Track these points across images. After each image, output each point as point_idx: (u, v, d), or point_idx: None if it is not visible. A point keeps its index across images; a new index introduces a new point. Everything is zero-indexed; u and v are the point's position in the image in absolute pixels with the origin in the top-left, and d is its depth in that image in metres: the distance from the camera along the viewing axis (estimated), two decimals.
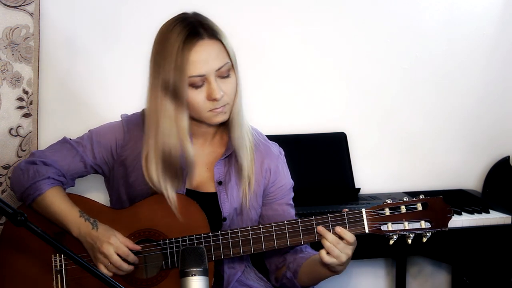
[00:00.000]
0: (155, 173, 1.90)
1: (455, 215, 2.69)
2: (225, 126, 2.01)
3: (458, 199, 2.89)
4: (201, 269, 1.56)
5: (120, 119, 2.02)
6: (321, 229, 1.87)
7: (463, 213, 2.73)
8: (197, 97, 1.85)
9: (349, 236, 1.86)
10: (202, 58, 1.83)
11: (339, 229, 1.86)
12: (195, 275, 1.55)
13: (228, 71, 1.88)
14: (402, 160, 3.05)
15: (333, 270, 1.90)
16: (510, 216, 2.72)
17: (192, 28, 1.84)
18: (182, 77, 1.82)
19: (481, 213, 2.74)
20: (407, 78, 3.03)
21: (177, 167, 1.91)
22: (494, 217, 2.72)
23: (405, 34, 3.01)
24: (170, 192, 1.91)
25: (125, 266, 1.88)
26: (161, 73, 1.84)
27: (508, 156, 3.05)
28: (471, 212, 2.74)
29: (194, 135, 1.97)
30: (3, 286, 1.94)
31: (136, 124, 1.99)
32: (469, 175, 3.12)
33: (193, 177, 1.98)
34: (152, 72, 1.89)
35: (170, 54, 1.82)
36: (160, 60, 1.85)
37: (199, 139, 2.00)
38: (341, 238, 1.86)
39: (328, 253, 1.84)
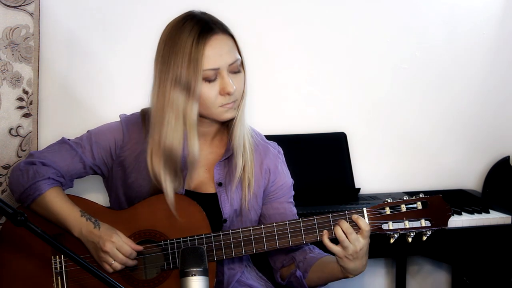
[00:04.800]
0: (158, 168, 1.89)
1: (455, 215, 2.70)
2: (225, 127, 2.01)
3: (458, 199, 2.89)
4: (201, 269, 1.56)
5: (119, 120, 2.02)
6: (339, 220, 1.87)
7: (463, 213, 2.73)
8: (210, 91, 1.86)
9: (364, 224, 1.85)
10: (217, 52, 1.84)
11: (355, 216, 1.87)
12: (195, 275, 1.55)
13: (239, 66, 1.91)
14: (402, 160, 3.05)
15: (346, 271, 1.89)
16: (510, 216, 2.72)
17: (205, 24, 1.87)
18: (197, 70, 1.82)
19: (481, 213, 2.74)
20: (407, 78, 3.03)
21: (176, 165, 1.90)
22: (494, 217, 2.72)
23: (405, 34, 3.01)
24: (169, 189, 1.90)
25: (130, 262, 1.88)
26: (172, 68, 1.84)
27: (508, 156, 3.05)
28: (471, 212, 2.74)
29: None
30: (2, 287, 1.94)
31: (135, 124, 1.99)
32: (469, 175, 3.12)
33: (192, 178, 1.98)
34: (160, 68, 1.88)
35: (183, 48, 1.83)
36: (171, 55, 1.85)
37: (199, 140, 2.00)
38: (356, 228, 1.86)
39: (333, 242, 1.85)
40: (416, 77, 3.04)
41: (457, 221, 2.64)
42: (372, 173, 2.98)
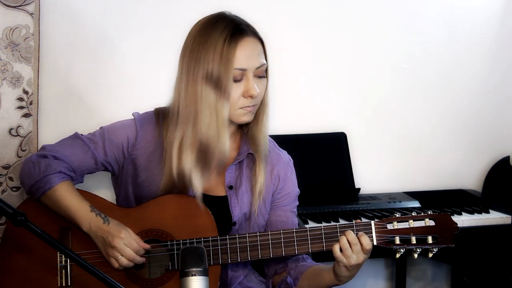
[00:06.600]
0: (189, 162, 1.89)
1: (455, 215, 2.70)
2: (238, 130, 2.02)
3: (458, 199, 2.89)
4: (201, 269, 1.56)
5: (132, 117, 2.02)
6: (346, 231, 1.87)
7: (463, 213, 2.73)
8: (234, 92, 1.87)
9: (366, 242, 1.85)
10: (247, 53, 1.87)
11: (360, 233, 1.86)
12: (195, 275, 1.55)
13: (264, 72, 1.93)
14: (402, 160, 3.05)
15: (338, 279, 1.90)
16: (510, 216, 2.72)
17: (238, 24, 1.90)
18: (228, 68, 1.84)
19: (481, 213, 2.75)
20: (407, 78, 3.03)
21: (208, 161, 1.91)
22: (494, 217, 2.72)
23: (405, 34, 3.01)
24: (198, 186, 1.91)
25: (138, 258, 1.88)
26: (203, 64, 1.85)
27: (508, 156, 3.05)
28: (471, 212, 2.74)
29: None
30: (7, 282, 1.94)
31: (148, 123, 1.99)
32: (469, 175, 3.12)
33: (204, 180, 1.97)
34: (188, 62, 1.89)
35: (214, 45, 1.85)
36: (201, 50, 1.87)
37: None
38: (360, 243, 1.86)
39: (341, 251, 1.85)
40: (416, 77, 3.04)
41: (457, 221, 2.59)
42: (372, 173, 2.98)
